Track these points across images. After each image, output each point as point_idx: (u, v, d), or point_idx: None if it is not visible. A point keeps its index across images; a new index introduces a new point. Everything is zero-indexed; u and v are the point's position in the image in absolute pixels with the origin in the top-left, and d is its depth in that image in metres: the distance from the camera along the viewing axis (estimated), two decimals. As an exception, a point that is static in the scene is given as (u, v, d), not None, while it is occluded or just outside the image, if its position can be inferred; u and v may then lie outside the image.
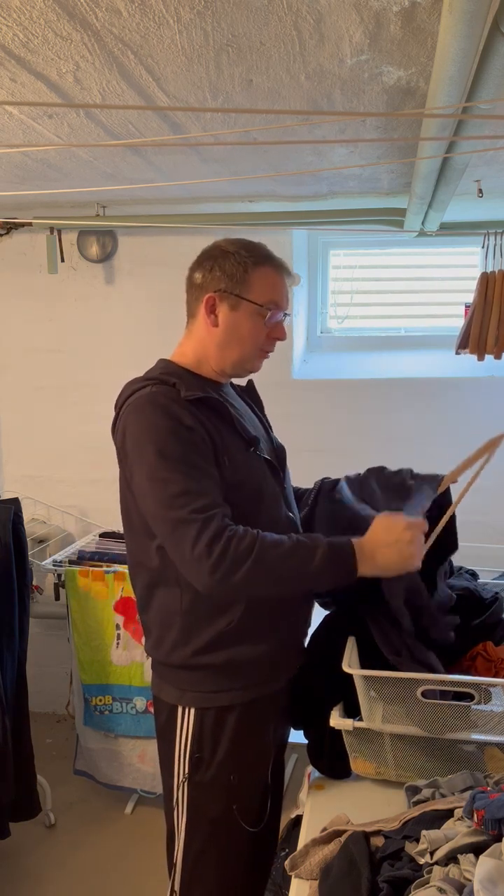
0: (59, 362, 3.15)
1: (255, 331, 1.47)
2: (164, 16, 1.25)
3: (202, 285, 1.48)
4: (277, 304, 1.47)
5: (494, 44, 1.14)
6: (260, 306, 1.45)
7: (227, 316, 1.46)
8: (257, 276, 1.46)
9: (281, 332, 1.50)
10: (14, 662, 2.29)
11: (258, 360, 1.52)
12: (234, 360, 1.49)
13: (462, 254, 3.07)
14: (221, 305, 1.46)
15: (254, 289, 1.45)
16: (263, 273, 1.46)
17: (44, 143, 1.95)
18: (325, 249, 3.11)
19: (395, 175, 2.31)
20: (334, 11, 1.24)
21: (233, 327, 1.46)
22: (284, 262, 1.51)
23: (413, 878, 1.00)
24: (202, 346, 1.50)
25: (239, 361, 1.50)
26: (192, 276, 1.51)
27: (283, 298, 1.49)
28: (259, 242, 1.52)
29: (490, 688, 1.35)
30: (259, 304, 1.45)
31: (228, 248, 1.48)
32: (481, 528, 2.90)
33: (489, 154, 2.01)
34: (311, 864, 1.13)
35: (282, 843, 1.73)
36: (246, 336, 1.47)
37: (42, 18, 1.26)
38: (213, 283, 1.46)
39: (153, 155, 2.11)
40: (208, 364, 1.50)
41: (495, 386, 2.87)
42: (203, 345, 1.50)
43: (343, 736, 1.37)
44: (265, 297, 1.46)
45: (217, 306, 1.46)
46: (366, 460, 3.19)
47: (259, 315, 1.46)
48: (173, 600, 1.44)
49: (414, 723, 1.32)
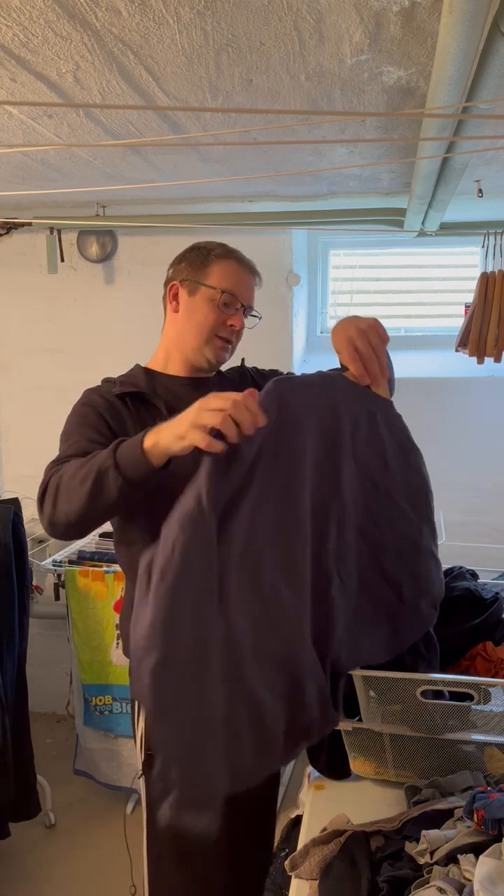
0: (59, 362, 3.15)
1: (210, 314, 1.50)
2: (164, 16, 1.25)
3: (170, 278, 1.57)
4: (234, 294, 1.50)
5: (494, 44, 1.14)
6: (215, 289, 1.49)
7: (186, 301, 1.53)
8: (219, 266, 1.52)
9: (237, 320, 1.52)
10: (14, 662, 2.29)
11: (217, 349, 1.53)
12: (192, 347, 1.53)
13: (462, 254, 3.07)
14: (182, 292, 1.54)
15: (213, 276, 1.51)
16: (226, 264, 1.52)
17: (44, 143, 1.95)
18: (325, 249, 3.11)
19: (395, 175, 2.31)
20: (334, 11, 1.24)
21: (191, 311, 1.52)
22: (253, 264, 1.56)
23: (413, 878, 1.00)
24: (169, 341, 1.57)
25: (197, 347, 1.52)
26: (166, 274, 1.60)
27: (242, 290, 1.52)
28: (236, 249, 1.57)
29: (490, 688, 1.35)
30: (214, 288, 1.49)
31: (199, 244, 1.57)
32: (481, 528, 2.91)
33: (489, 154, 2.01)
34: (311, 864, 1.13)
35: (282, 843, 1.73)
36: (202, 320, 1.51)
37: (42, 18, 1.26)
38: (178, 273, 1.55)
39: (153, 155, 2.11)
40: (174, 358, 1.56)
41: (495, 386, 2.87)
42: (169, 338, 1.57)
43: (343, 736, 1.37)
44: (222, 284, 1.50)
45: (178, 293, 1.54)
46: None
47: (213, 299, 1.50)
48: (129, 594, 1.52)
49: (414, 723, 1.32)
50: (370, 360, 1.36)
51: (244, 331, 1.57)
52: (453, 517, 2.83)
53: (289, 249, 2.90)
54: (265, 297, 2.99)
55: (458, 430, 2.92)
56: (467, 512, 2.93)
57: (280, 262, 2.91)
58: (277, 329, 2.93)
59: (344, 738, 1.37)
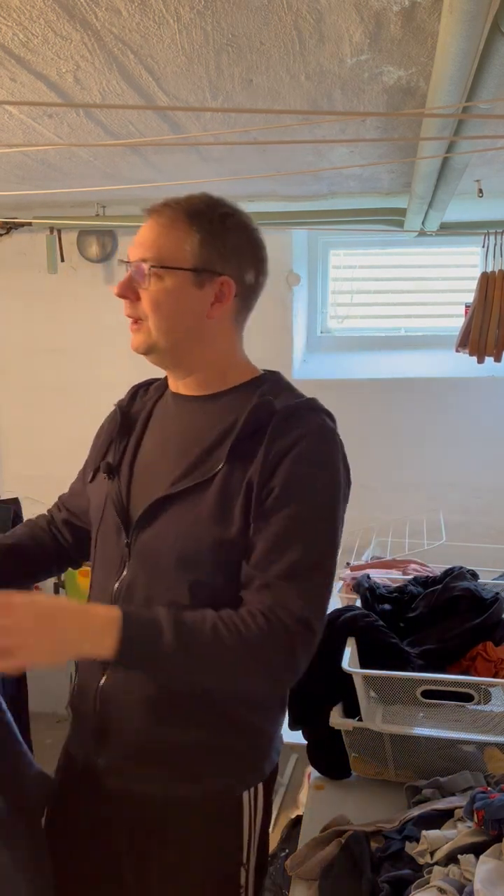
0: (59, 362, 3.14)
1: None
2: (164, 15, 1.25)
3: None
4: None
5: (494, 44, 1.14)
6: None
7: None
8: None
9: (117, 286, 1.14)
10: (14, 662, 2.29)
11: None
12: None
13: (462, 254, 3.07)
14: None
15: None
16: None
17: (44, 143, 1.95)
18: (325, 249, 3.11)
19: (395, 175, 2.31)
20: (334, 11, 1.24)
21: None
22: (161, 202, 1.16)
23: (413, 878, 1.00)
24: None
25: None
26: None
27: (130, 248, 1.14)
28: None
29: (490, 688, 1.35)
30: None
31: None
32: (481, 528, 2.91)
33: (489, 154, 2.01)
34: (311, 864, 1.13)
35: (282, 843, 1.73)
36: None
37: (42, 18, 1.26)
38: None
39: (153, 155, 2.11)
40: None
41: (495, 386, 2.87)
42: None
43: (343, 736, 1.37)
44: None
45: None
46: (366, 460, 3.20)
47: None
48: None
49: (413, 723, 1.32)
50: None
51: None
52: (453, 517, 2.83)
53: (289, 249, 2.90)
54: (265, 297, 3.01)
55: (458, 430, 2.92)
56: (467, 512, 2.93)
57: (280, 262, 2.91)
58: (277, 329, 2.93)
59: (344, 738, 1.37)
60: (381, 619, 1.50)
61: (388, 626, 1.49)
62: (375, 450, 2.96)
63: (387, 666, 1.36)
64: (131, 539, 1.11)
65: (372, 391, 2.95)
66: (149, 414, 1.23)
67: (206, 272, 1.09)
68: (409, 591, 1.67)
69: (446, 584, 1.59)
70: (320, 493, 1.07)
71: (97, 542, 1.20)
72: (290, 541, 1.03)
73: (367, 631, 1.43)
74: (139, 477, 1.16)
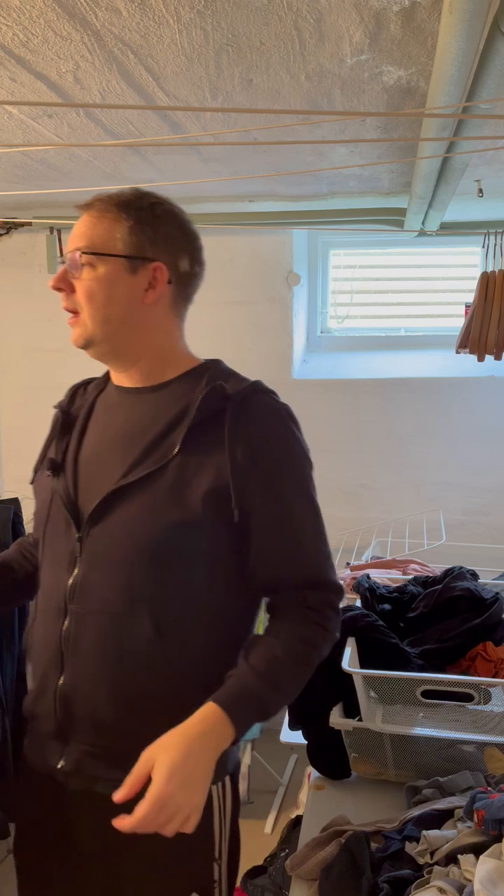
0: (59, 362, 3.14)
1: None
2: (164, 15, 1.25)
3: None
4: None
5: (494, 44, 1.14)
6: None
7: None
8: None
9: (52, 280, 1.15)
10: (14, 663, 2.28)
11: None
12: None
13: (462, 254, 3.07)
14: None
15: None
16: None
17: (44, 143, 1.95)
18: (325, 249, 3.11)
19: (395, 175, 2.31)
20: (334, 11, 1.24)
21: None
22: (93, 197, 1.19)
23: (413, 878, 1.00)
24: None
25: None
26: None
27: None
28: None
29: (490, 688, 1.35)
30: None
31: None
32: (481, 528, 2.91)
33: (489, 154, 2.01)
34: (312, 864, 1.13)
35: (282, 843, 1.73)
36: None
37: (42, 18, 1.26)
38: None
39: (153, 155, 2.11)
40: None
41: (495, 386, 2.87)
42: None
43: (343, 736, 1.37)
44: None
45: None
46: (366, 460, 3.19)
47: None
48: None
49: (413, 723, 1.32)
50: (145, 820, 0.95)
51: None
52: (453, 517, 2.83)
53: (289, 249, 2.90)
54: (265, 297, 3.02)
55: (458, 430, 2.92)
56: (467, 512, 2.93)
57: (280, 262, 2.91)
58: (277, 329, 2.93)
59: (344, 738, 1.37)
60: (381, 619, 1.50)
61: (388, 626, 1.49)
62: (375, 450, 2.96)
63: (387, 666, 1.37)
64: (83, 533, 1.10)
65: (372, 391, 2.95)
66: (90, 409, 1.22)
67: (139, 259, 1.10)
68: (409, 591, 1.67)
69: (446, 584, 1.59)
70: (302, 475, 1.13)
71: (45, 541, 1.17)
72: (300, 533, 1.11)
73: (367, 631, 1.43)
74: (85, 471, 1.15)
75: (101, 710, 1.08)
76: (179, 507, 1.06)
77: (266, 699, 1.04)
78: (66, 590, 1.11)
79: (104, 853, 1.13)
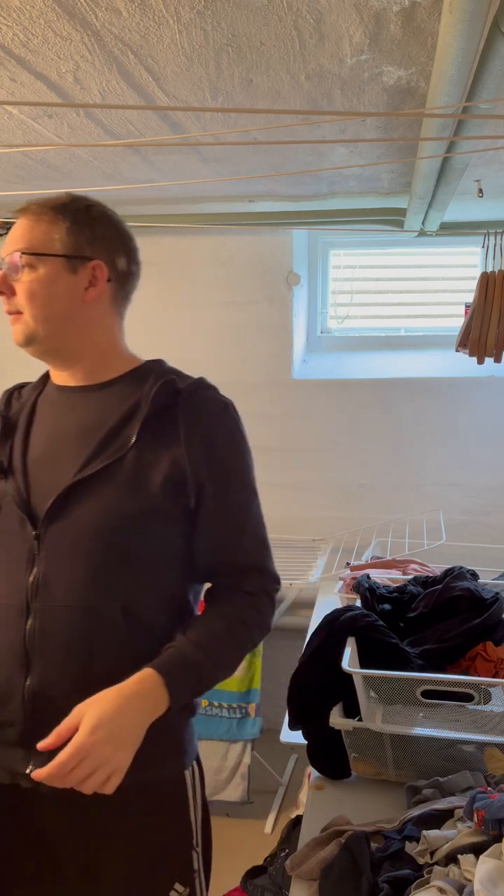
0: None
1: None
2: (164, 16, 1.25)
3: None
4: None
5: (494, 44, 1.14)
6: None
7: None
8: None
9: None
10: None
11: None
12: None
13: (462, 254, 3.08)
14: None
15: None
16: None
17: (44, 143, 1.95)
18: (325, 249, 3.11)
19: (395, 175, 2.31)
20: (334, 11, 1.24)
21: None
22: (31, 202, 1.20)
23: (413, 878, 1.00)
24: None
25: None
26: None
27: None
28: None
29: (490, 688, 1.35)
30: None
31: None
32: (481, 528, 2.91)
33: (489, 154, 2.01)
34: (312, 864, 1.13)
35: (282, 843, 1.73)
36: None
37: (42, 18, 1.26)
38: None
39: (153, 155, 2.11)
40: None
41: (495, 386, 2.87)
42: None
43: (343, 736, 1.37)
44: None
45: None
46: (366, 460, 3.19)
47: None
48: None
49: (413, 723, 1.32)
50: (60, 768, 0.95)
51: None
52: (453, 517, 2.83)
53: (289, 249, 2.90)
54: (265, 297, 3.02)
55: (459, 430, 2.92)
56: (467, 512, 2.93)
57: (280, 262, 2.92)
58: (277, 329, 2.93)
59: (344, 738, 1.37)
60: (381, 619, 1.50)
61: (388, 626, 1.48)
62: (375, 450, 2.96)
63: (387, 666, 1.37)
64: (41, 531, 1.10)
65: (372, 391, 2.95)
66: (31, 410, 1.22)
67: (78, 258, 1.13)
68: (409, 591, 1.67)
69: (446, 584, 1.59)
70: (247, 467, 1.20)
71: None
72: (244, 520, 1.17)
73: (367, 631, 1.43)
74: (36, 470, 1.15)
75: (72, 706, 1.04)
76: (140, 495, 1.09)
77: (202, 671, 1.07)
78: (27, 588, 1.10)
79: (81, 854, 1.13)
